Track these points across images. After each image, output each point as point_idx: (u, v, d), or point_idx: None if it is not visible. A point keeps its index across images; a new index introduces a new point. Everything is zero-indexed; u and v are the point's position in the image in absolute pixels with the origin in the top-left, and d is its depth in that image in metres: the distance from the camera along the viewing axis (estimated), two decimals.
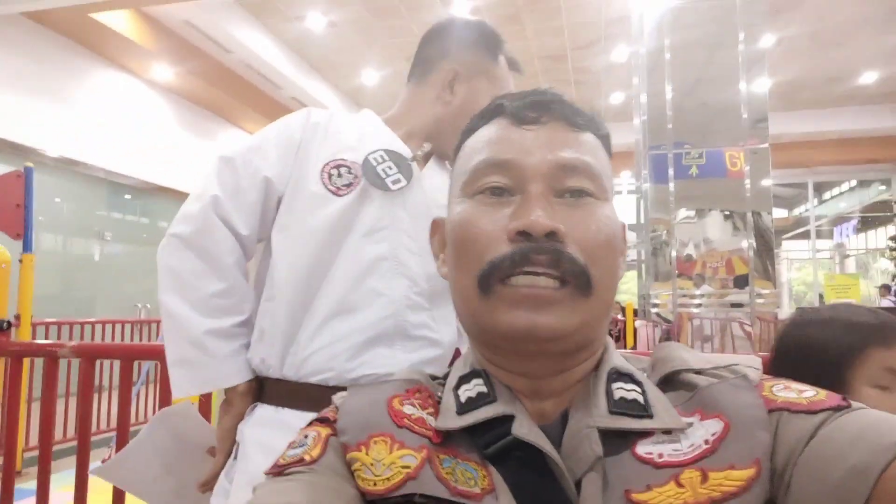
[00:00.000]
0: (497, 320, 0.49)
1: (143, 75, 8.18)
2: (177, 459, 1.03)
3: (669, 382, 0.52)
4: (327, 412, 0.55)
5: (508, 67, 1.14)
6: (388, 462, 0.48)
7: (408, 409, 0.52)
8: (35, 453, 2.03)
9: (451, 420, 0.50)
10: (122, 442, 1.40)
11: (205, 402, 1.49)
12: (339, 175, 0.98)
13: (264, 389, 0.97)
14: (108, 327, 5.44)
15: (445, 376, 0.58)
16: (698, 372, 0.51)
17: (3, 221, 3.97)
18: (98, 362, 1.47)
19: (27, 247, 4.09)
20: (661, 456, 0.45)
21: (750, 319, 3.66)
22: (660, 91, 4.05)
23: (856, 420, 0.43)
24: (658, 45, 4.08)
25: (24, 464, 3.90)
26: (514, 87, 1.13)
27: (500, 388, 0.52)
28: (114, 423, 4.45)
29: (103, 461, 1.09)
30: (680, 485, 0.43)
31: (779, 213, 15.06)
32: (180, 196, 9.17)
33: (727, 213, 3.80)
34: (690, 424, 0.47)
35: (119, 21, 6.72)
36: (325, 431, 0.52)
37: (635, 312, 5.88)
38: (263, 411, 0.95)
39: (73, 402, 1.57)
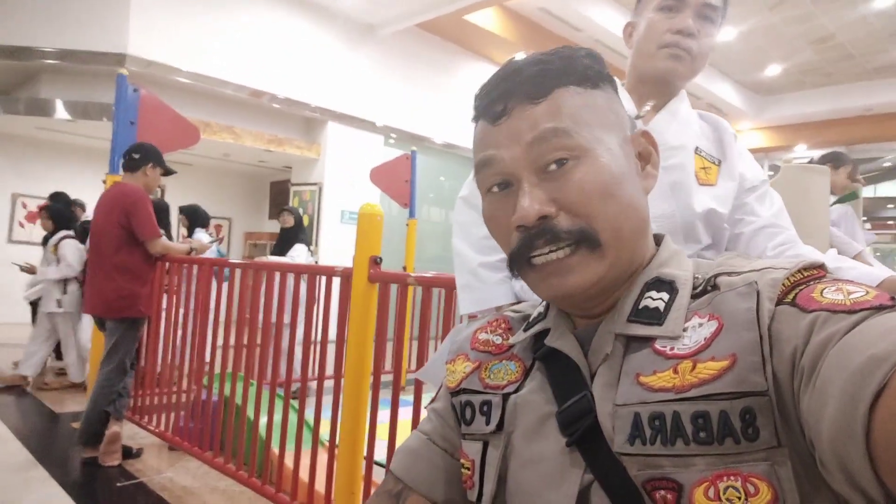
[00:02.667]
0: (536, 290, 0.62)
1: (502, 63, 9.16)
2: None
3: (715, 286, 0.57)
4: None
5: None
6: (459, 370, 0.72)
7: (481, 336, 0.74)
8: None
9: (518, 335, 0.69)
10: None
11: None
12: None
13: None
14: None
15: None
16: (738, 273, 0.56)
17: (395, 193, 5.13)
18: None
19: (412, 214, 5.18)
20: (671, 349, 0.54)
21: None
22: None
23: (893, 318, 0.43)
24: None
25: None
26: None
27: (553, 308, 0.67)
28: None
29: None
30: (676, 371, 0.52)
31: None
32: None
33: None
34: (685, 330, 0.54)
35: (485, 18, 7.68)
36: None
37: None
38: None
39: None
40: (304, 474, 2.35)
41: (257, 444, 2.56)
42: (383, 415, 2.04)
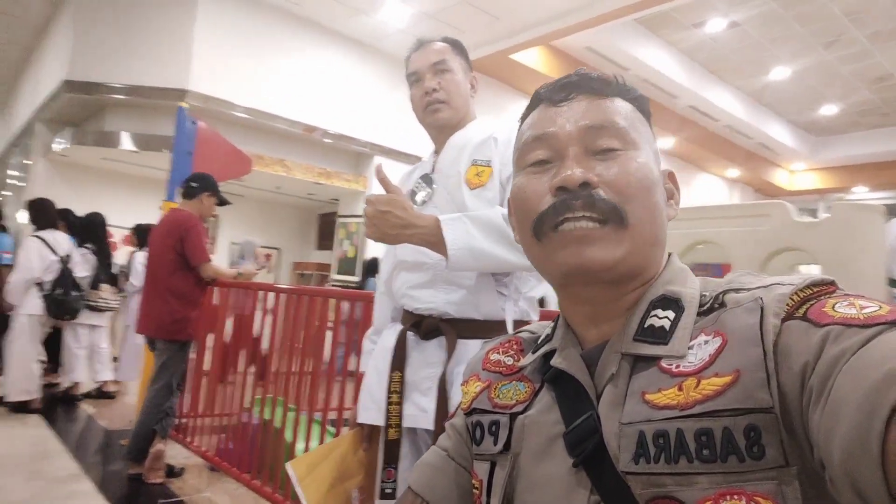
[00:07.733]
0: (553, 261, 0.61)
1: None
2: None
3: (723, 303, 0.57)
4: None
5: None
6: (471, 391, 0.74)
7: (493, 357, 0.75)
8: None
9: (528, 358, 0.70)
10: None
11: None
12: None
13: None
14: None
15: None
16: (746, 290, 0.55)
17: None
18: None
19: None
20: (677, 367, 0.54)
21: None
22: None
23: None
24: None
25: None
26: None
27: (561, 327, 0.67)
28: None
29: None
30: (680, 389, 0.52)
31: None
32: None
33: None
34: (691, 348, 0.55)
35: (531, 57, 7.79)
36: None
37: None
38: None
39: None
40: None
41: None
42: None
